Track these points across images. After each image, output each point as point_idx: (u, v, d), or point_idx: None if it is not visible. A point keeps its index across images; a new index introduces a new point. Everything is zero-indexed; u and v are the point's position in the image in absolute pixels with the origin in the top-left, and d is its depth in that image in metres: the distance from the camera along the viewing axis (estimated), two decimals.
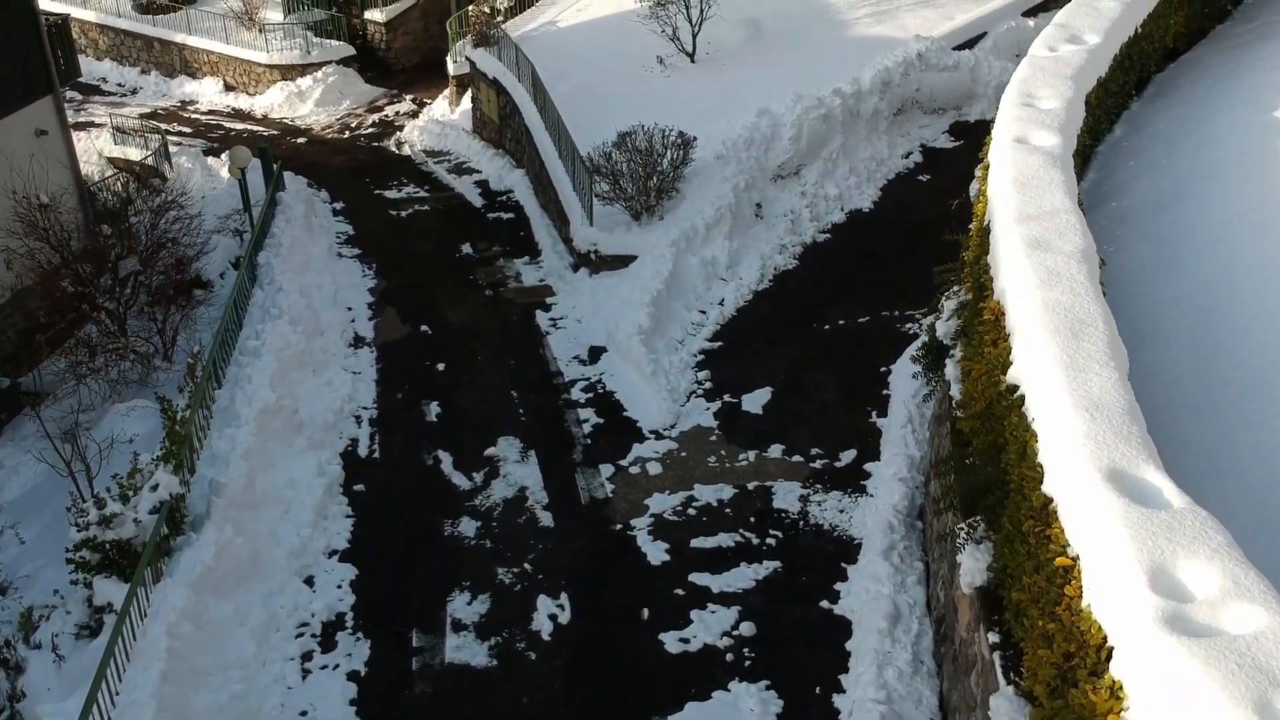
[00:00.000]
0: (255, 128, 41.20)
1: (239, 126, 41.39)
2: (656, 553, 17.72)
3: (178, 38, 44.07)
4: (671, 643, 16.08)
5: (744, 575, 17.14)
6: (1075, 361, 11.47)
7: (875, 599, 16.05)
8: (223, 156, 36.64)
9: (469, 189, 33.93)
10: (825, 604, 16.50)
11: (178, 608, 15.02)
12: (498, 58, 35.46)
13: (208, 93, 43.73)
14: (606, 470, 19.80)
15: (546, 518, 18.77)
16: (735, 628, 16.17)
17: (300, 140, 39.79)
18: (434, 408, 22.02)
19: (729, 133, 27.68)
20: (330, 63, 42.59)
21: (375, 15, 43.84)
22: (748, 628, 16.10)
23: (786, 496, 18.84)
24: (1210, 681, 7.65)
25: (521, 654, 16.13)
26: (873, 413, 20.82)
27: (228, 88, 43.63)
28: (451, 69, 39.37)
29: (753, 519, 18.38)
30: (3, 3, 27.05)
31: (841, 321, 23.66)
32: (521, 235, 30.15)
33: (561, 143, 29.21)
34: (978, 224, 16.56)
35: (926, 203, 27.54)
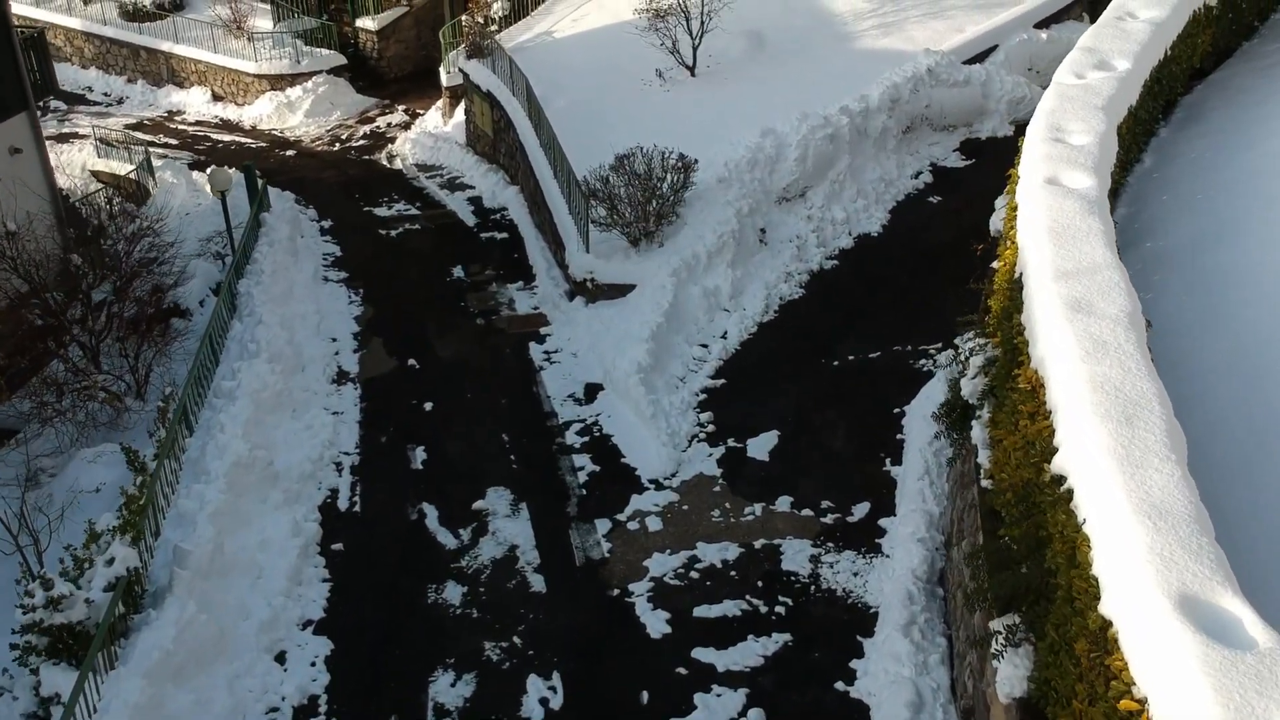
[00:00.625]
0: (243, 139, 39.68)
1: (227, 138, 39.87)
2: (657, 623, 16.23)
3: (164, 46, 42.53)
4: None
5: (751, 651, 15.64)
6: (1131, 454, 10.02)
7: (895, 682, 14.58)
8: (209, 171, 35.16)
9: (461, 206, 32.44)
10: (841, 685, 15.01)
11: (131, 702, 13.53)
12: (491, 70, 33.97)
13: (195, 103, 42.20)
14: (603, 526, 18.31)
15: (538, 581, 17.28)
16: (743, 715, 14.67)
17: (289, 153, 38.28)
18: (420, 453, 20.52)
19: (731, 154, 26.19)
20: (320, 72, 41.06)
21: (367, 23, 42.28)
22: (756, 715, 14.60)
23: (796, 557, 17.36)
24: None
25: None
26: (886, 460, 19.36)
27: (216, 98, 42.11)
28: (445, 80, 37.87)
29: (760, 583, 16.90)
30: None
31: (851, 357, 22.18)
32: (515, 257, 28.68)
33: (557, 162, 27.73)
34: (1005, 272, 15.08)
35: (938, 226, 26.12)
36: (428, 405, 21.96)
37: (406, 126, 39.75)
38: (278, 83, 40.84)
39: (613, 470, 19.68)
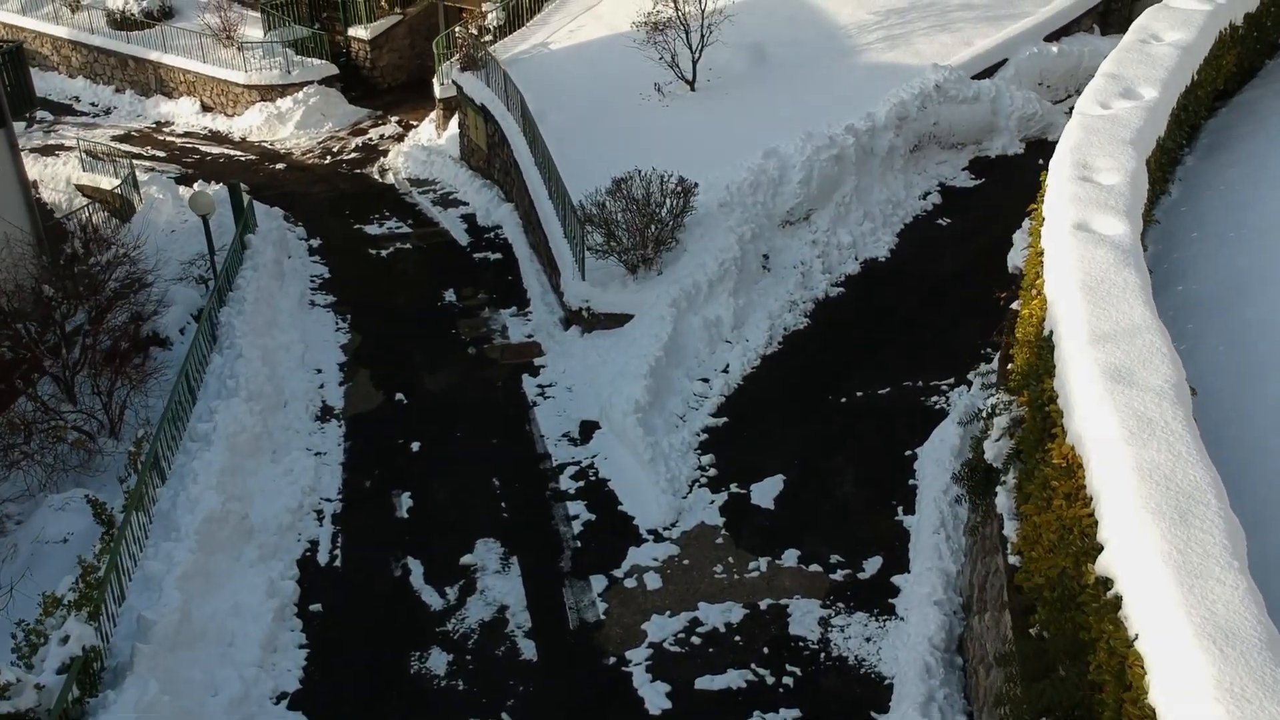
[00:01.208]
0: (232, 152, 38.42)
1: (215, 150, 38.61)
2: (656, 697, 15.01)
3: (153, 56, 41.25)
4: None
5: None
6: (1188, 560, 8.84)
7: None
8: (190, 194, 33.91)
9: (455, 224, 31.21)
10: None
11: None
12: (486, 83, 32.72)
13: (184, 113, 40.93)
14: (598, 583, 17.10)
15: (529, 648, 16.05)
16: None
17: (279, 166, 37.03)
18: (405, 500, 19.29)
19: (733, 175, 24.96)
20: (311, 83, 39.78)
21: (359, 32, 41.01)
22: None
23: (804, 619, 16.15)
24: None
25: None
26: (899, 508, 18.16)
27: (205, 108, 40.84)
28: (438, 91, 36.59)
29: (766, 649, 15.68)
30: None
31: (859, 393, 20.97)
32: (509, 280, 27.45)
33: (552, 183, 26.51)
34: (1031, 325, 13.85)
35: (948, 250, 24.91)
36: (415, 445, 20.73)
37: (399, 139, 38.51)
38: (268, 93, 39.59)
39: (609, 519, 18.47)
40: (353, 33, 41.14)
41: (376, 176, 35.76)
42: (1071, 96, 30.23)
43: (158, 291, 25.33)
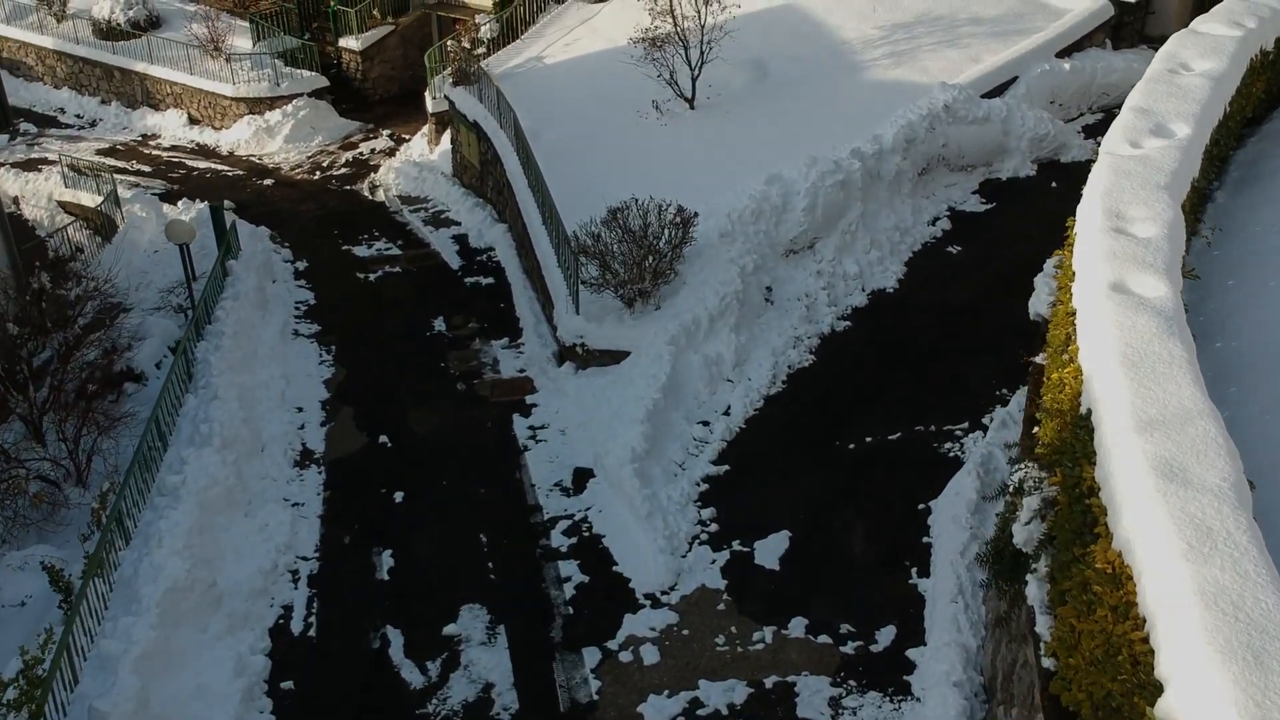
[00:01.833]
0: (220, 166, 37.06)
1: (202, 165, 37.24)
2: None
3: (139, 67, 39.86)
4: None
5: None
6: (1268, 716, 7.56)
7: None
8: (179, 204, 32.66)
9: (446, 245, 29.89)
10: None
11: None
12: (478, 98, 31.42)
13: (171, 126, 39.54)
14: (591, 657, 15.77)
15: None
16: None
17: (267, 182, 35.68)
18: (387, 559, 17.97)
19: (734, 202, 23.64)
20: (301, 95, 38.39)
21: (350, 43, 39.62)
22: None
23: (813, 699, 14.85)
24: None
25: None
26: (913, 570, 16.86)
27: (192, 121, 39.46)
28: (430, 106, 35.24)
29: None
30: None
31: (869, 439, 19.67)
32: (501, 308, 26.14)
33: (545, 208, 25.20)
34: (1064, 395, 12.54)
35: (959, 281, 23.62)
36: (398, 495, 19.42)
37: (391, 153, 37.17)
38: (256, 106, 38.23)
39: (604, 582, 17.16)
40: (343, 43, 39.77)
41: (367, 193, 34.45)
42: (1084, 115, 28.96)
43: (133, 323, 24.06)
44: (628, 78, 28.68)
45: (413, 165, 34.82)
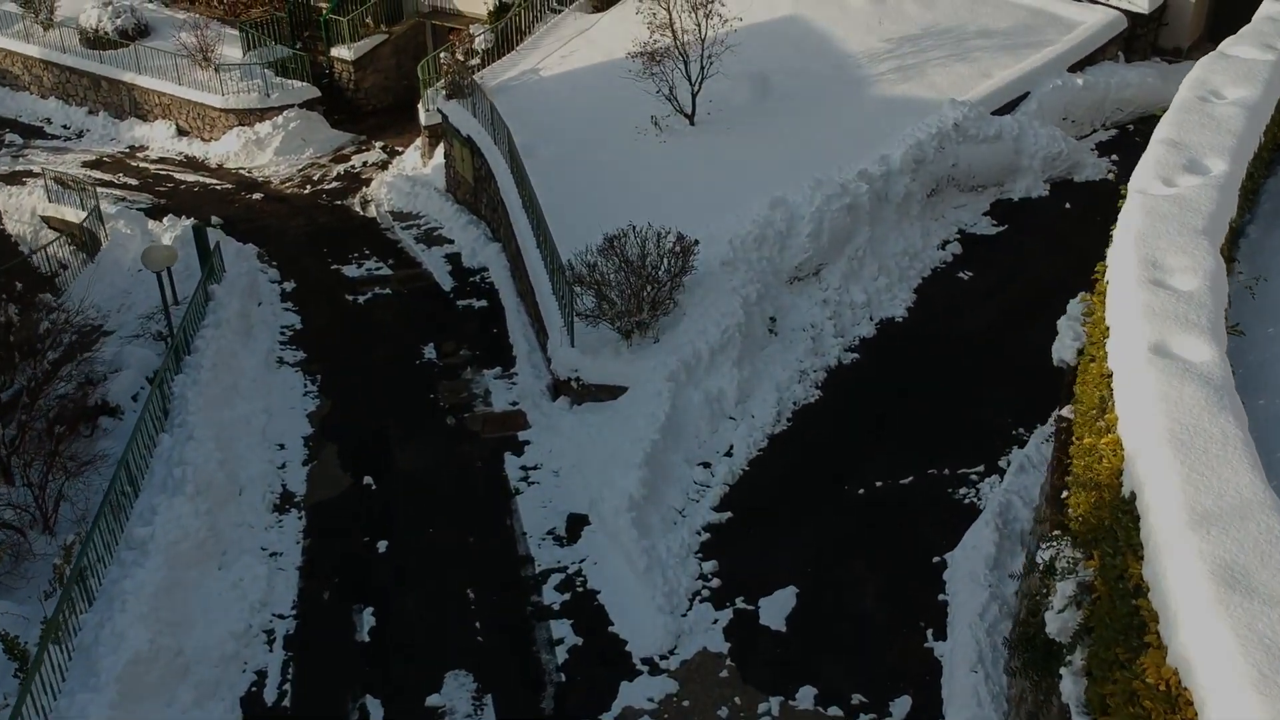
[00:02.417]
0: (208, 180, 35.77)
1: (190, 178, 35.94)
2: None
3: (126, 77, 38.52)
4: None
5: None
6: None
7: None
8: (165, 220, 31.41)
9: (438, 265, 28.64)
10: None
11: None
12: (472, 112, 30.16)
13: (159, 137, 38.23)
14: None
15: None
16: None
17: (256, 196, 34.41)
18: (368, 618, 16.75)
19: (736, 228, 22.44)
20: (292, 106, 37.07)
21: (343, 52, 38.30)
22: None
23: None
24: None
25: None
26: (928, 631, 15.70)
27: (181, 132, 38.15)
28: (423, 118, 33.96)
29: None
30: None
31: (878, 482, 18.49)
32: (494, 333, 24.92)
33: (540, 232, 23.99)
34: (1102, 468, 11.32)
35: (971, 309, 22.43)
36: (382, 545, 18.21)
37: (384, 166, 35.90)
38: (246, 117, 36.94)
39: (599, 644, 15.97)
40: (336, 53, 38.44)
41: (358, 209, 33.20)
42: (1096, 131, 27.73)
43: (110, 353, 22.90)
44: (626, 92, 27.45)
45: (405, 179, 33.57)
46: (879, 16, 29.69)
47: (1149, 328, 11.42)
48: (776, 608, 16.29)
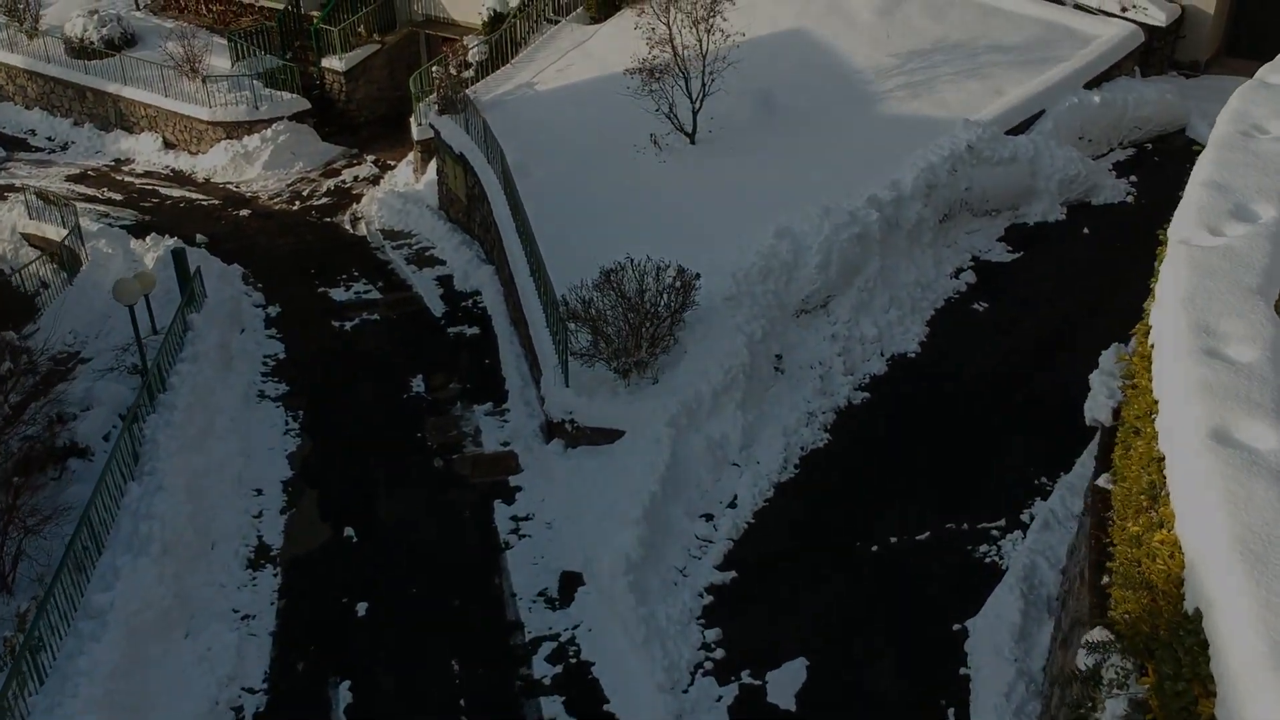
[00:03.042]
0: (194, 195, 34.39)
1: (176, 193, 34.55)
2: None
3: (112, 88, 37.13)
4: None
5: None
6: None
7: None
8: (148, 239, 30.03)
9: (429, 288, 27.26)
10: None
11: None
12: (465, 129, 28.83)
13: (145, 150, 36.85)
14: None
15: None
16: None
17: (244, 212, 33.04)
18: (344, 693, 15.36)
19: (740, 260, 21.06)
20: (281, 118, 35.69)
21: (334, 63, 36.89)
22: None
23: None
24: None
25: None
26: (950, 711, 14.34)
27: (167, 145, 36.78)
28: (415, 133, 32.61)
29: None
30: None
31: (893, 539, 17.13)
32: (486, 364, 23.56)
33: (534, 260, 22.64)
34: (1155, 566, 9.95)
35: (987, 342, 21.07)
36: (361, 607, 16.84)
37: (375, 181, 34.52)
38: (234, 130, 35.55)
39: None
40: (326, 64, 37.04)
41: (348, 226, 31.84)
42: (1114, 150, 26.33)
43: (82, 389, 21.56)
44: (623, 108, 26.03)
45: (397, 196, 32.20)
46: (887, 30, 28.30)
47: (1206, 409, 10.01)
48: (786, 682, 14.94)
